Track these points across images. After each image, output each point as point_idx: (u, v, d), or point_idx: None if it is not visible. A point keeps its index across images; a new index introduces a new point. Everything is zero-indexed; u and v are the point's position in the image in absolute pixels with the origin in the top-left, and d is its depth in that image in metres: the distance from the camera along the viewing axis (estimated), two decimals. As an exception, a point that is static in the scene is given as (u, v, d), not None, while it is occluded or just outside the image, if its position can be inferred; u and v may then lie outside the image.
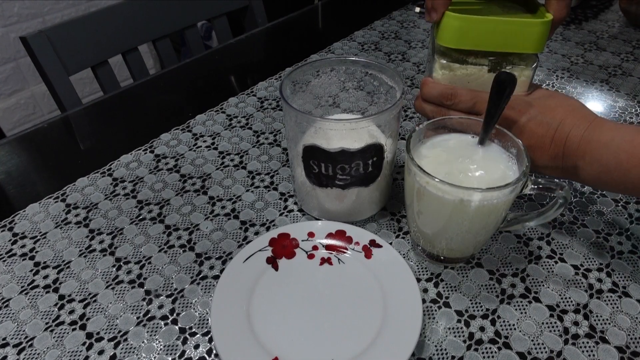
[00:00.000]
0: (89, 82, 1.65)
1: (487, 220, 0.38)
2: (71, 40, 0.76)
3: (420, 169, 0.36)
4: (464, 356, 0.38)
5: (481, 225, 0.38)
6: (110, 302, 0.42)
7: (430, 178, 0.35)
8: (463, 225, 0.38)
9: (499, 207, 0.37)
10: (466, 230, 0.39)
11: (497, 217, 0.38)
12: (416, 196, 0.39)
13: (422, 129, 0.41)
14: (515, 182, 0.35)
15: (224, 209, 0.51)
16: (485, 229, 0.39)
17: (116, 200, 0.52)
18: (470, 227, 0.38)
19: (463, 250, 0.42)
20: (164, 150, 0.59)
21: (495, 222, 0.39)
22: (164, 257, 0.46)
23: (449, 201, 0.36)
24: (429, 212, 0.39)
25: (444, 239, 0.41)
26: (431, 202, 0.37)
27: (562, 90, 0.69)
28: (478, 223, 0.38)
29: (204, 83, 0.74)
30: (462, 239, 0.40)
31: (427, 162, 0.40)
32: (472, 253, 0.44)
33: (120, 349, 0.39)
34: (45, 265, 0.45)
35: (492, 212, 0.37)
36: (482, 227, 0.39)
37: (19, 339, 0.39)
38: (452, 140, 0.42)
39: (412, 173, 0.38)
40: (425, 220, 0.41)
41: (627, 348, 0.38)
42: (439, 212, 0.38)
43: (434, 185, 0.36)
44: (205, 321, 0.40)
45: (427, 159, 0.40)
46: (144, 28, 0.85)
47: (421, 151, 0.41)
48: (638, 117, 0.63)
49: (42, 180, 0.57)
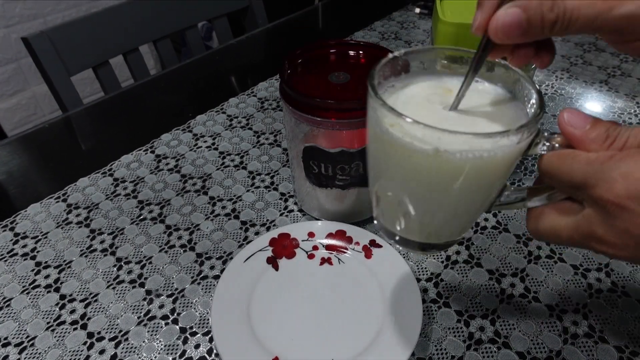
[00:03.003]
0: (89, 82, 1.65)
1: (475, 187, 0.27)
2: (72, 41, 0.76)
3: (384, 104, 0.26)
4: (463, 356, 0.38)
5: (467, 195, 0.27)
6: (111, 302, 0.42)
7: (397, 117, 0.25)
8: (440, 193, 0.27)
9: (493, 168, 0.26)
10: (445, 202, 0.28)
11: (489, 185, 0.28)
12: (377, 152, 0.29)
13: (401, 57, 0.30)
14: (519, 130, 0.24)
15: (224, 209, 0.51)
16: (473, 201, 0.29)
17: (117, 200, 0.52)
18: (451, 197, 0.28)
19: (442, 232, 0.32)
20: (165, 150, 0.59)
21: (486, 192, 0.28)
22: (164, 257, 0.46)
23: (421, 152, 0.25)
24: (394, 173, 0.28)
25: (415, 214, 0.30)
26: (396, 157, 0.27)
27: (561, 90, 0.69)
28: (462, 190, 0.27)
29: (204, 83, 0.74)
30: (440, 216, 0.30)
31: (401, 100, 0.30)
32: (455, 238, 0.33)
33: (121, 348, 0.39)
34: (47, 265, 0.46)
35: (483, 174, 0.26)
36: (468, 199, 0.28)
37: (21, 338, 0.40)
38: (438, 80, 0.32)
39: (373, 116, 0.27)
40: (389, 186, 0.30)
41: (626, 348, 0.38)
42: (407, 170, 0.27)
43: (401, 128, 0.25)
44: (205, 321, 0.41)
45: (400, 96, 0.30)
46: (145, 28, 0.86)
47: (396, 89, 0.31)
48: (637, 118, 0.63)
49: (43, 181, 0.57)
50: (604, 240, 0.23)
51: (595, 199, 0.23)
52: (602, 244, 0.24)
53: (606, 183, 0.22)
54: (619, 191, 0.21)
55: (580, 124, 0.24)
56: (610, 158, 0.22)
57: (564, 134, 0.25)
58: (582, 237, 0.24)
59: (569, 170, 0.24)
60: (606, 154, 0.23)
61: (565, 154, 0.24)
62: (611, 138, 0.23)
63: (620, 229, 0.22)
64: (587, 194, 0.23)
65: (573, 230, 0.25)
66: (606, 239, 0.23)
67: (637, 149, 0.22)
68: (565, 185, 0.25)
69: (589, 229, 0.24)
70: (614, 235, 0.23)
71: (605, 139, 0.24)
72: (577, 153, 0.24)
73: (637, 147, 0.23)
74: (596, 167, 0.23)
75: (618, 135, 0.23)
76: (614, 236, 0.23)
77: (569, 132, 0.24)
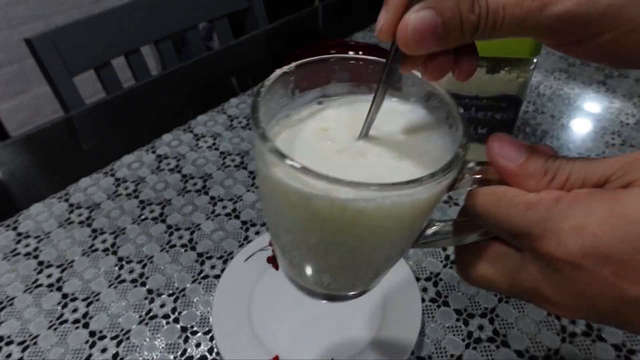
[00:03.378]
0: (91, 83, 1.66)
1: (384, 239, 0.23)
2: (74, 42, 0.77)
3: (266, 139, 0.20)
4: (462, 354, 0.38)
5: (376, 247, 0.23)
6: (113, 301, 0.43)
7: (280, 159, 0.20)
8: (340, 245, 0.23)
9: (403, 217, 0.21)
10: (349, 255, 0.23)
11: (400, 235, 0.23)
12: (267, 196, 0.24)
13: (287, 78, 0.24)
14: (434, 177, 0.20)
15: (225, 208, 0.51)
16: (383, 253, 0.24)
17: (118, 200, 0.53)
18: (356, 250, 0.23)
19: (352, 284, 0.27)
20: (166, 150, 0.60)
21: (398, 242, 0.24)
22: (165, 256, 0.46)
23: (315, 202, 0.20)
24: (286, 221, 0.23)
25: (316, 266, 0.25)
26: (286, 204, 0.22)
27: (559, 91, 0.69)
28: (369, 242, 0.22)
29: (205, 84, 0.74)
30: (348, 269, 0.25)
31: (289, 131, 0.24)
32: (370, 287, 0.28)
33: (123, 347, 0.39)
34: (49, 264, 0.46)
35: (390, 226, 0.22)
36: (377, 251, 0.24)
37: (23, 337, 0.40)
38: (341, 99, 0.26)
39: (258, 157, 0.22)
40: (286, 237, 0.25)
41: (623, 346, 0.38)
42: (301, 220, 0.22)
43: (287, 172, 0.20)
44: (206, 320, 0.41)
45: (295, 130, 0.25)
46: (146, 29, 0.86)
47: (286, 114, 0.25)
48: (634, 118, 0.63)
49: (45, 181, 0.57)
50: (552, 301, 0.20)
51: (541, 254, 0.19)
52: (550, 304, 0.20)
53: (555, 236, 0.18)
54: (571, 248, 0.18)
55: (513, 155, 0.20)
56: (556, 203, 0.19)
57: (495, 167, 0.21)
58: (524, 293, 0.21)
59: (506, 216, 0.20)
60: (549, 197, 0.19)
61: (499, 194, 0.20)
62: (550, 173, 0.20)
63: (574, 290, 0.19)
64: (530, 245, 0.19)
65: (512, 283, 0.21)
66: (555, 300, 0.19)
67: (585, 191, 0.19)
68: (501, 231, 0.21)
69: (532, 285, 0.20)
70: (565, 297, 0.19)
71: (544, 174, 0.20)
72: (514, 193, 0.20)
73: (581, 186, 0.19)
74: (540, 214, 0.19)
75: (558, 170, 0.20)
76: (565, 297, 0.19)
77: (502, 166, 0.21)
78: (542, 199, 0.19)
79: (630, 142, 0.59)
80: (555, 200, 0.19)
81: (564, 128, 0.62)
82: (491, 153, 0.21)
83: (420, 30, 0.19)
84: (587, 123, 0.63)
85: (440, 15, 0.19)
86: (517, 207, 0.20)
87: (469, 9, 0.19)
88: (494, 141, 0.21)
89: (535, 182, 0.20)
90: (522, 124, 0.62)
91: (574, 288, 0.19)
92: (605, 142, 0.59)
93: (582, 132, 0.62)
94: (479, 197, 0.21)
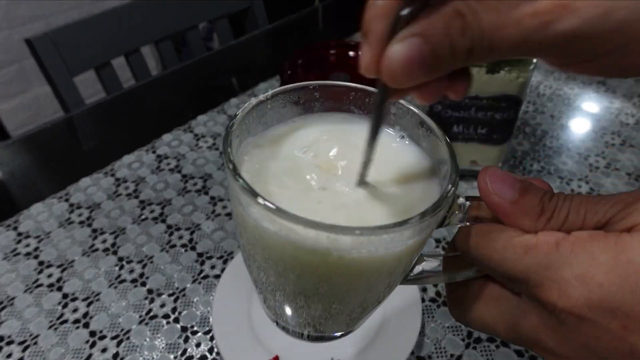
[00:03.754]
0: (91, 83, 1.66)
1: (371, 282, 0.21)
2: (74, 42, 0.77)
3: (239, 178, 0.19)
4: (462, 354, 0.38)
5: (363, 289, 0.21)
6: (113, 301, 0.43)
7: (252, 199, 0.18)
8: (325, 289, 0.21)
9: (399, 257, 0.20)
10: (333, 299, 0.22)
11: (388, 276, 0.21)
12: (243, 233, 0.22)
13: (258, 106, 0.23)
14: (427, 216, 0.18)
15: (225, 208, 0.52)
16: (370, 295, 0.22)
17: (118, 200, 0.53)
18: (341, 293, 0.21)
19: (335, 325, 0.25)
20: (166, 150, 0.60)
21: (385, 284, 0.22)
22: (165, 256, 0.47)
23: (293, 246, 0.18)
24: (262, 258, 0.21)
25: (295, 310, 0.23)
26: (260, 244, 0.20)
27: (559, 91, 0.69)
28: (355, 286, 0.21)
29: (205, 84, 0.74)
30: (331, 311, 0.23)
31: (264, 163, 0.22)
32: (355, 327, 0.26)
33: (123, 347, 0.39)
34: (49, 264, 0.46)
35: (374, 270, 0.20)
36: (364, 293, 0.22)
37: (24, 336, 0.40)
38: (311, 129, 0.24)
39: (232, 194, 0.21)
40: (262, 274, 0.22)
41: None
42: (275, 259, 0.20)
43: (263, 215, 0.18)
44: (206, 320, 0.41)
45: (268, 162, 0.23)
46: (146, 29, 0.86)
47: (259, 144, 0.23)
48: (633, 118, 0.63)
49: (45, 181, 0.57)
50: (555, 352, 0.18)
51: (542, 303, 0.18)
52: (553, 355, 0.18)
53: (557, 286, 0.17)
54: (576, 300, 0.17)
55: (507, 192, 0.19)
56: (557, 247, 0.17)
57: (487, 204, 0.19)
58: (524, 341, 0.19)
59: (501, 259, 0.18)
60: (548, 240, 0.18)
61: (493, 233, 0.19)
62: (548, 212, 0.18)
63: (579, 343, 0.17)
64: (529, 292, 0.18)
65: (510, 329, 0.20)
66: (558, 351, 0.18)
67: (586, 234, 0.17)
68: (494, 273, 0.20)
69: (533, 335, 0.19)
70: (569, 349, 0.18)
71: (541, 213, 0.18)
72: (509, 234, 0.19)
73: (580, 227, 0.18)
74: (539, 260, 0.17)
75: (556, 208, 0.18)
76: (569, 350, 0.18)
77: (494, 203, 0.19)
78: (540, 241, 0.18)
79: (630, 142, 0.59)
80: (555, 245, 0.17)
81: (564, 128, 0.62)
82: (483, 189, 0.19)
83: (406, 62, 0.16)
84: (587, 123, 0.63)
85: (428, 42, 0.16)
86: (514, 249, 0.18)
87: (460, 33, 0.16)
88: (484, 176, 0.19)
89: (532, 221, 0.18)
90: (522, 124, 0.62)
91: (579, 340, 0.17)
92: (605, 142, 0.59)
93: (581, 132, 0.62)
94: (471, 236, 0.20)
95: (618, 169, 0.56)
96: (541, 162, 0.57)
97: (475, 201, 0.20)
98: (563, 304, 0.17)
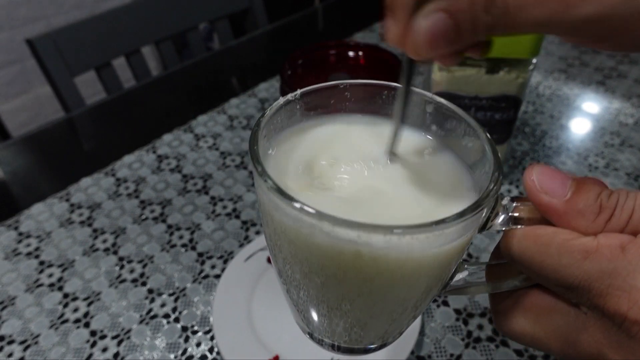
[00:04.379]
0: (92, 83, 1.66)
1: (408, 287, 0.20)
2: (75, 43, 0.77)
3: (267, 178, 0.18)
4: (462, 354, 0.38)
5: (397, 295, 0.20)
6: (114, 301, 0.43)
7: (283, 201, 0.17)
8: (358, 299, 0.20)
9: (438, 262, 0.19)
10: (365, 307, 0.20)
11: (426, 283, 0.20)
12: (272, 236, 0.21)
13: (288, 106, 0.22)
14: (464, 216, 0.17)
15: (225, 208, 0.52)
16: (406, 302, 0.21)
17: (119, 200, 0.53)
18: (375, 303, 0.20)
19: (366, 337, 0.24)
20: (166, 150, 0.60)
21: (427, 289, 0.21)
22: (166, 256, 0.47)
23: (330, 252, 0.18)
24: (293, 265, 0.20)
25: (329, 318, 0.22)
26: (293, 251, 0.19)
27: (558, 92, 0.69)
28: (390, 291, 0.19)
29: (205, 84, 0.74)
30: (358, 321, 0.22)
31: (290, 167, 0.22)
32: (390, 340, 0.25)
33: (124, 346, 0.39)
34: (50, 264, 0.46)
35: (411, 275, 0.19)
36: (398, 299, 0.20)
37: (25, 336, 0.40)
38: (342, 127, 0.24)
39: (261, 190, 0.19)
40: (286, 270, 0.21)
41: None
42: (310, 265, 0.19)
43: (293, 215, 0.18)
44: (207, 319, 0.41)
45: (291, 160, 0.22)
46: (147, 30, 0.86)
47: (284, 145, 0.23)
48: (632, 118, 0.63)
49: (46, 181, 0.57)
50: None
51: (609, 314, 0.16)
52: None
53: (628, 295, 0.15)
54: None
55: (558, 190, 0.17)
56: (622, 252, 0.16)
57: (536, 204, 0.18)
58: (583, 358, 0.17)
59: (556, 265, 0.17)
60: (611, 243, 0.16)
61: (546, 237, 0.17)
62: (607, 211, 0.17)
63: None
64: (591, 302, 0.16)
65: (567, 344, 0.18)
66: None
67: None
68: (548, 281, 0.18)
69: (595, 351, 0.17)
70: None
71: (599, 212, 0.17)
72: (564, 236, 0.17)
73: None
74: (602, 266, 0.16)
75: (617, 207, 0.16)
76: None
77: (544, 203, 0.17)
78: (601, 245, 0.16)
79: (629, 142, 0.59)
80: (620, 249, 0.16)
81: (563, 128, 0.62)
82: (531, 188, 0.17)
83: (430, 36, 0.17)
84: (586, 123, 0.63)
85: (452, 17, 0.17)
86: (571, 254, 0.16)
87: (484, 10, 0.16)
88: (532, 174, 0.18)
89: (588, 221, 0.17)
90: (522, 124, 0.63)
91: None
92: (604, 142, 0.60)
93: (581, 132, 0.62)
94: (520, 240, 0.18)
95: (617, 168, 0.56)
96: (540, 162, 0.57)
97: (522, 202, 0.18)
98: (635, 315, 0.15)
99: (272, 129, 0.22)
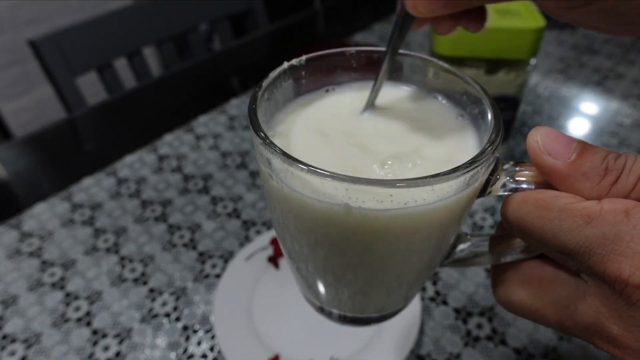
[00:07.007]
0: (93, 84, 1.67)
1: (408, 252, 0.20)
2: (77, 44, 0.78)
3: (266, 141, 0.18)
4: (461, 353, 0.38)
5: (397, 260, 0.20)
6: (115, 300, 0.43)
7: (286, 161, 0.17)
8: (358, 259, 0.20)
9: (435, 223, 0.19)
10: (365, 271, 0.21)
11: (427, 246, 0.20)
12: (273, 200, 0.21)
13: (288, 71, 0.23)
14: (465, 169, 0.17)
15: (225, 208, 0.52)
16: (405, 269, 0.21)
17: (120, 200, 0.53)
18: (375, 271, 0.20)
19: (370, 305, 0.24)
20: (167, 150, 0.60)
21: (423, 256, 0.21)
22: (167, 255, 0.47)
23: (325, 210, 0.18)
24: (296, 232, 0.21)
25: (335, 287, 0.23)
26: (294, 211, 0.19)
27: (557, 92, 0.69)
28: (390, 257, 0.20)
29: (206, 85, 0.75)
30: (361, 289, 0.22)
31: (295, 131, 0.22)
32: (390, 310, 0.25)
33: (125, 345, 0.40)
34: (52, 263, 0.47)
35: (413, 235, 0.19)
36: (399, 265, 0.20)
37: (27, 335, 0.41)
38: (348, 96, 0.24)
39: (260, 155, 0.20)
40: (294, 247, 0.22)
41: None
42: (311, 231, 0.20)
43: (295, 175, 0.18)
44: (207, 318, 0.41)
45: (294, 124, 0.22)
46: (148, 31, 0.87)
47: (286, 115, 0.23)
48: (630, 119, 0.64)
49: (48, 180, 0.58)
50: (619, 342, 0.15)
51: (610, 280, 0.15)
52: (617, 347, 0.15)
53: (629, 260, 0.14)
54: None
55: (562, 151, 0.16)
56: (627, 216, 0.15)
57: (538, 166, 0.17)
58: (581, 329, 0.17)
59: (557, 229, 0.16)
60: (616, 207, 0.15)
61: (546, 200, 0.16)
62: (613, 174, 0.15)
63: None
64: (591, 269, 0.15)
65: (564, 316, 0.17)
66: (623, 341, 0.15)
67: None
68: (548, 248, 0.17)
69: (594, 320, 0.16)
70: (636, 338, 0.15)
71: (604, 175, 0.15)
72: (566, 200, 0.16)
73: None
74: (605, 230, 0.15)
75: (623, 170, 0.15)
76: (636, 339, 0.15)
77: (548, 165, 0.16)
78: (605, 210, 0.15)
79: (627, 143, 0.60)
80: (624, 213, 0.15)
81: (562, 129, 0.62)
82: (534, 150, 0.16)
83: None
84: (585, 123, 0.64)
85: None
86: (572, 219, 0.15)
87: None
88: (536, 133, 0.16)
89: (592, 184, 0.15)
90: (520, 125, 0.63)
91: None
92: (602, 142, 0.60)
93: (579, 133, 0.62)
94: (520, 204, 0.17)
95: (616, 169, 0.56)
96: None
97: (524, 167, 0.18)
98: (637, 281, 0.14)
99: (274, 96, 0.22)
